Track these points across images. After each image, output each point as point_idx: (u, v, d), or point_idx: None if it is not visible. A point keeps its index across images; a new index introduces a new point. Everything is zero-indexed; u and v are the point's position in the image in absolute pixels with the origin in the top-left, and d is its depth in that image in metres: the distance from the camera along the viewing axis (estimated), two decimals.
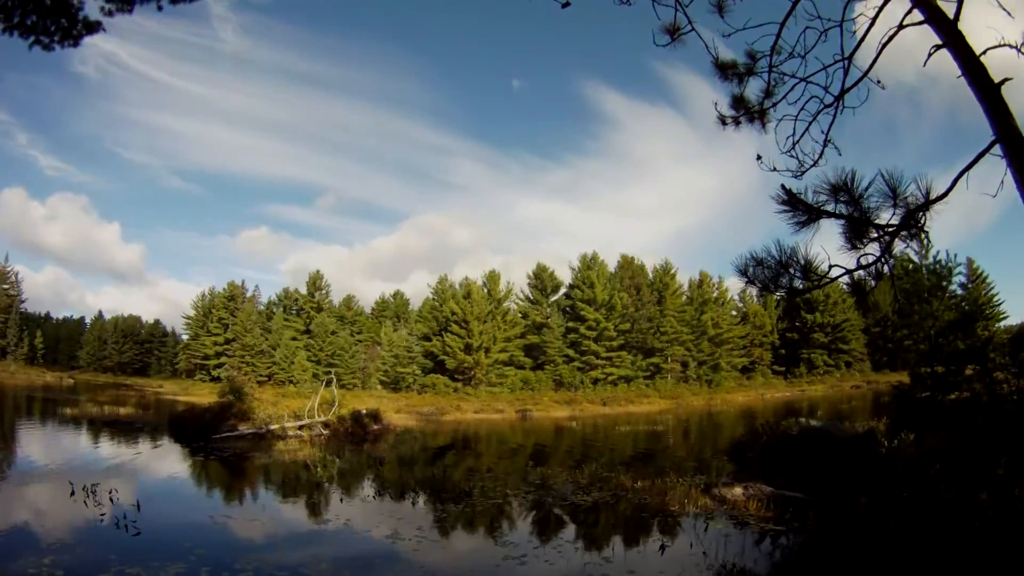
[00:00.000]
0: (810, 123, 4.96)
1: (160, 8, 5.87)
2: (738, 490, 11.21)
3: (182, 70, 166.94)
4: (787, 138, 5.02)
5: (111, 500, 10.52)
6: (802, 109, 4.98)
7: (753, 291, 4.83)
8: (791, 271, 4.26)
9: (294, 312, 69.19)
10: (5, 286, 73.98)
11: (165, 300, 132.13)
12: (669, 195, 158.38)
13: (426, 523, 10.29)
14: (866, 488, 9.31)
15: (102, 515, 9.64)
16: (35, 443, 19.10)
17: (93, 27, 5.56)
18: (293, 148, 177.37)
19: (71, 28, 5.40)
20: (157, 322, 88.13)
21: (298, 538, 9.07)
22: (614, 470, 14.49)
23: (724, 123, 5.30)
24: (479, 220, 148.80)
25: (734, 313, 61.96)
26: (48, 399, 38.35)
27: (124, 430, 23.00)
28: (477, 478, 15.04)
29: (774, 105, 5.15)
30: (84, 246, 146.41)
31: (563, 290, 59.22)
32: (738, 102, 5.27)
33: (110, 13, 5.57)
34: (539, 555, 8.48)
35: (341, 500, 12.42)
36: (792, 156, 4.96)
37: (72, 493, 10.90)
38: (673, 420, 34.76)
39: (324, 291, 70.16)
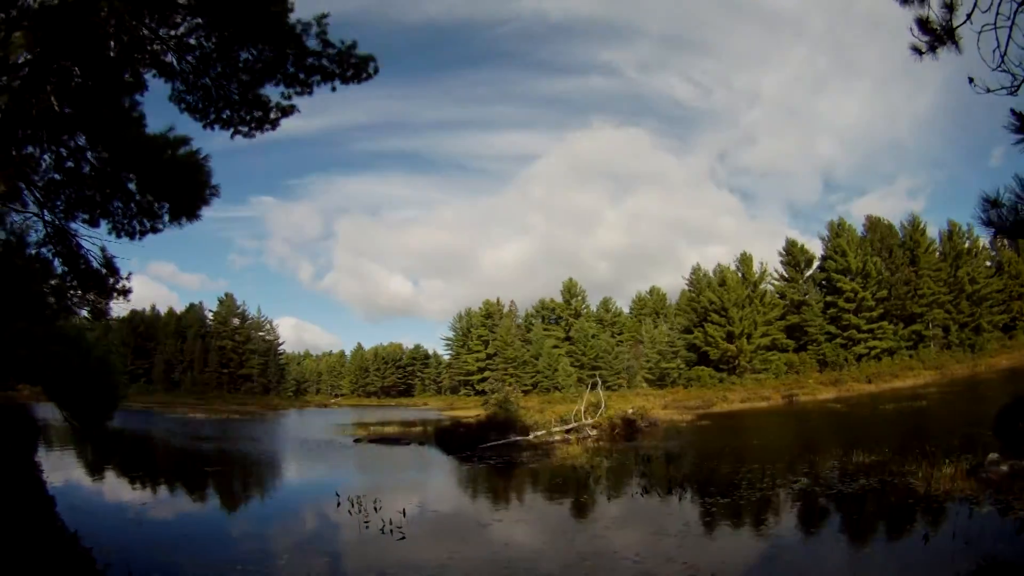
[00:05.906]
0: (1011, 28, 4.36)
1: (334, 89, 6.99)
2: (1004, 469, 10.46)
3: None
4: (992, 51, 4.45)
5: (375, 509, 11.19)
6: (997, 14, 4.38)
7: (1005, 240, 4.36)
8: None
9: (552, 321, 74.09)
10: (262, 333, 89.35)
11: None
12: None
13: (692, 518, 10.44)
14: None
15: (366, 523, 10.43)
16: (304, 461, 21.49)
17: (288, 111, 6.81)
18: None
19: (266, 115, 6.72)
20: (418, 346, 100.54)
21: (561, 538, 9.62)
22: (880, 454, 13.93)
23: (920, 52, 4.85)
24: None
25: (988, 264, 53.72)
26: (314, 423, 43.71)
27: (391, 445, 24.99)
28: (744, 469, 14.75)
29: (968, 18, 4.56)
30: None
31: (816, 263, 56.34)
32: (924, 24, 4.78)
33: (289, 97, 6.75)
34: (803, 548, 8.43)
35: (608, 499, 13.04)
36: (1003, 71, 4.43)
37: (339, 504, 11.72)
38: (936, 393, 33.10)
39: (580, 297, 74.32)
